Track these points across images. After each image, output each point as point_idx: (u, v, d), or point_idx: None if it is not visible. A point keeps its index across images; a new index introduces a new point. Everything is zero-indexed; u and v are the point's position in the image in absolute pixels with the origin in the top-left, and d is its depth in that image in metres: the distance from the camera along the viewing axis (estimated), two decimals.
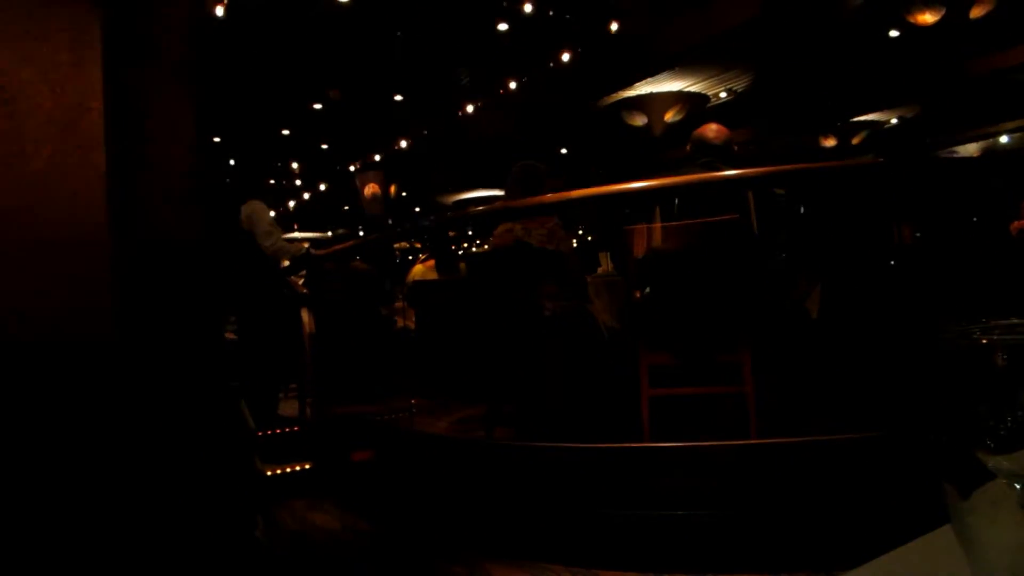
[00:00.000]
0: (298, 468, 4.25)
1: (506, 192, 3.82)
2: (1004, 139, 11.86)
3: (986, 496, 0.42)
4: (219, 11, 5.31)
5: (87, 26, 1.28)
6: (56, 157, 1.25)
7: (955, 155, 11.47)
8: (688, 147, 3.64)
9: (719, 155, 3.49)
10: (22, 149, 1.22)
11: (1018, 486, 0.41)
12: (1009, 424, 0.41)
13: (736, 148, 3.71)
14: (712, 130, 3.59)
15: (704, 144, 3.55)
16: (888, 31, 6.61)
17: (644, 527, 2.73)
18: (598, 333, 3.57)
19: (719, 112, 8.73)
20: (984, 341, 0.43)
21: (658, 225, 3.39)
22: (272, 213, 5.20)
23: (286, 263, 4.87)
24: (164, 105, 1.32)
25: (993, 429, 0.42)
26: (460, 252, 7.67)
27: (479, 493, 3.19)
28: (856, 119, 10.49)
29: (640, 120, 8.68)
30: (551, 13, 6.61)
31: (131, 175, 1.27)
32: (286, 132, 10.81)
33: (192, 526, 1.52)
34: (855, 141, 10.88)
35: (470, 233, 14.32)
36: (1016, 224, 5.61)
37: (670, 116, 8.66)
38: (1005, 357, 0.41)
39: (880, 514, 2.42)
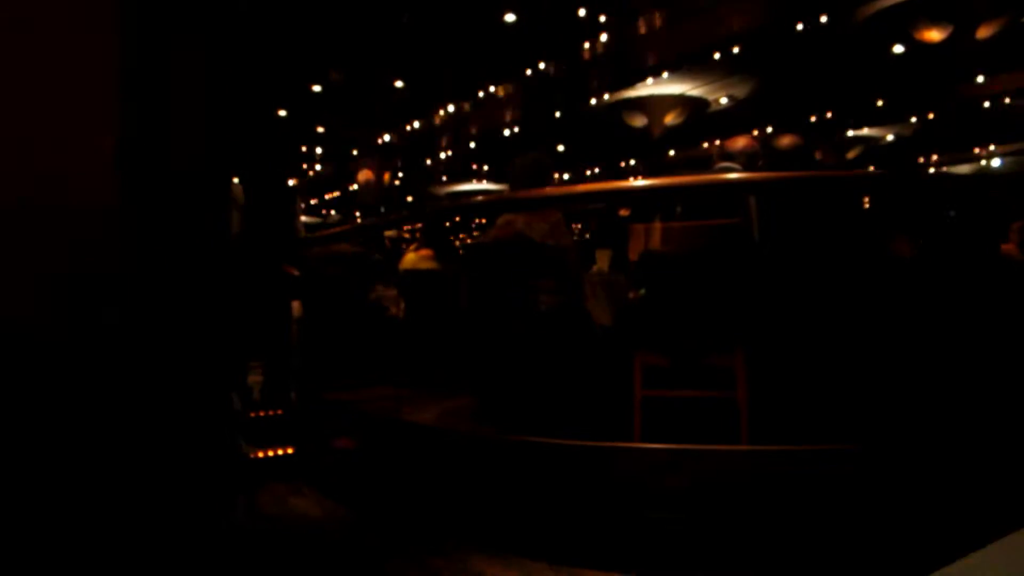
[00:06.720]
0: (280, 452, 4.20)
1: (510, 183, 3.79)
2: (996, 163, 11.96)
3: None
4: None
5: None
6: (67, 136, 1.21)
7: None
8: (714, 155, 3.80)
9: (745, 166, 3.61)
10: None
11: None
12: None
13: (760, 163, 3.88)
14: (740, 142, 3.75)
15: (731, 154, 3.70)
16: (893, 46, 6.63)
17: (630, 528, 2.71)
18: (591, 331, 3.54)
19: (718, 118, 8.73)
20: None
21: (658, 225, 3.36)
22: None
23: None
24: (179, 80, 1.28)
25: None
26: (456, 243, 7.61)
27: (463, 485, 3.16)
28: (852, 133, 10.53)
29: (640, 121, 8.66)
30: (561, 9, 6.57)
31: (142, 152, 1.24)
32: (283, 113, 10.69)
33: (173, 503, 1.49)
34: (850, 155, 10.94)
35: (470, 224, 14.27)
36: (1005, 247, 5.65)
37: (670, 119, 8.65)
38: None
39: (868, 524, 2.41)
